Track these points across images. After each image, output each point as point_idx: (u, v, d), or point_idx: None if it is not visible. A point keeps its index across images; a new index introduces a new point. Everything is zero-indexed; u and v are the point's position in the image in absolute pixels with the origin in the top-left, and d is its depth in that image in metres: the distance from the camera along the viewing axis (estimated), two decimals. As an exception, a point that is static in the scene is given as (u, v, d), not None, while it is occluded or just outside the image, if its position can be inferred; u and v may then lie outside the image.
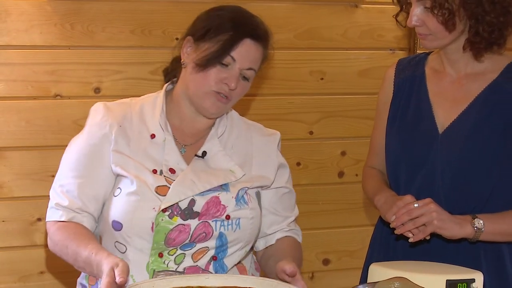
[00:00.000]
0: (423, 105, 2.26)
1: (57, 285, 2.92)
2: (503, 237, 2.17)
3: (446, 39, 2.14)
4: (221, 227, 2.11)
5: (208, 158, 2.17)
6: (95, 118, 2.18)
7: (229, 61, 2.10)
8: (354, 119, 3.24)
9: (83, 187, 2.10)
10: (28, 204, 2.87)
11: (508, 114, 2.15)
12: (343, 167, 3.27)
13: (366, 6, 3.19)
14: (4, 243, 2.85)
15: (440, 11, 2.07)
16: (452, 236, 2.09)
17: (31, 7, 2.77)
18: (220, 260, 2.13)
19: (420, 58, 2.36)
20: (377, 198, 2.26)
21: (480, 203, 2.16)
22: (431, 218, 2.05)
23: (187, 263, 2.10)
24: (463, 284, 1.89)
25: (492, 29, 2.10)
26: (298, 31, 3.12)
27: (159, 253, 2.08)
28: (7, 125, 2.80)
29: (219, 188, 2.13)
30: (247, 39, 2.11)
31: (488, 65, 2.20)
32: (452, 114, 2.21)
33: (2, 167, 2.82)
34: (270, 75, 3.02)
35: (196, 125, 2.21)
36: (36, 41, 2.80)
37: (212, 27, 2.13)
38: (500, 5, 2.09)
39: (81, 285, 2.22)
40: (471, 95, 2.20)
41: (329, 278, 3.30)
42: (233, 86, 2.09)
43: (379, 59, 3.23)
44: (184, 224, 2.07)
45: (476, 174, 2.16)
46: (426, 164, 2.21)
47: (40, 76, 2.82)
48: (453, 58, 2.22)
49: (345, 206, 3.29)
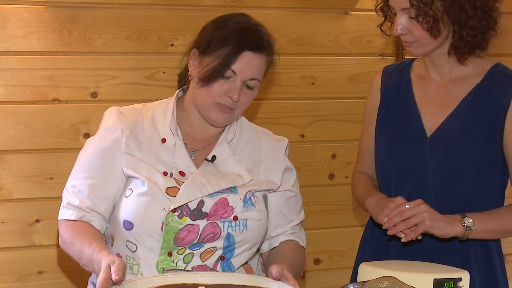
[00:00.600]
0: (411, 110, 2.26)
1: (56, 285, 2.92)
2: (492, 234, 2.18)
3: (431, 45, 2.14)
4: (228, 227, 2.12)
5: (218, 163, 2.18)
6: (108, 122, 2.18)
7: (230, 74, 2.09)
8: (345, 123, 3.24)
9: (94, 188, 2.10)
10: (27, 206, 2.87)
11: (493, 116, 2.16)
12: (334, 169, 3.27)
13: (356, 13, 3.20)
14: (3, 244, 2.84)
15: (425, 19, 2.07)
16: (443, 235, 2.09)
17: (30, 14, 2.77)
18: (227, 260, 2.14)
19: (405, 64, 2.36)
20: (368, 201, 2.26)
21: (470, 203, 2.17)
22: (422, 218, 2.06)
23: (195, 262, 2.10)
24: (450, 283, 1.90)
25: (475, 33, 2.10)
26: (289, 37, 3.13)
27: (169, 252, 2.08)
28: (6, 129, 2.80)
29: (228, 190, 2.14)
30: (246, 52, 2.10)
31: (471, 69, 2.21)
32: (439, 118, 2.22)
33: (1, 169, 2.81)
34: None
35: (206, 131, 2.22)
36: (34, 47, 2.80)
37: (214, 40, 2.13)
38: (481, 10, 2.09)
39: (92, 284, 2.22)
40: (457, 99, 2.21)
41: (320, 277, 3.30)
42: (235, 98, 2.09)
43: (368, 64, 3.24)
44: (193, 224, 2.08)
45: (465, 175, 2.17)
46: (416, 167, 2.21)
47: (38, 81, 2.81)
48: (437, 64, 2.23)
49: (335, 207, 3.29)
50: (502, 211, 2.19)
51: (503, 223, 2.16)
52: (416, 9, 2.06)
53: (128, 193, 2.10)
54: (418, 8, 2.06)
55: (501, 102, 2.15)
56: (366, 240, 2.41)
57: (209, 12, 2.97)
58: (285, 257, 2.16)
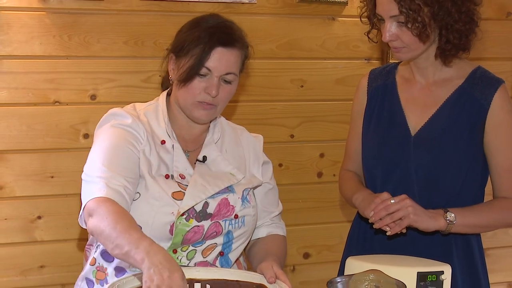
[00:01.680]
0: (396, 110, 2.27)
1: (56, 279, 2.91)
2: (472, 229, 2.18)
3: (419, 50, 2.15)
4: (229, 225, 2.13)
5: (209, 162, 2.18)
6: (126, 120, 2.11)
7: (206, 72, 2.08)
8: (332, 124, 3.25)
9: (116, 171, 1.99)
10: (29, 203, 2.86)
11: (474, 116, 2.17)
12: (322, 168, 3.27)
13: (343, 19, 3.20)
14: (6, 240, 2.84)
15: (414, 25, 2.07)
16: (426, 228, 2.10)
17: (31, 20, 2.77)
18: (226, 255, 2.15)
19: (390, 68, 2.37)
20: (355, 197, 2.27)
21: (451, 198, 2.18)
22: (407, 212, 2.06)
23: (198, 258, 2.10)
24: (433, 276, 1.90)
25: (461, 35, 2.11)
26: (279, 42, 3.13)
27: (174, 250, 2.08)
28: (9, 129, 2.79)
29: (226, 190, 2.14)
30: (218, 48, 2.08)
31: (454, 72, 2.22)
32: (423, 118, 2.22)
33: (4, 168, 2.81)
34: (254, 82, 3.03)
35: (193, 131, 2.21)
36: (36, 52, 2.79)
37: (187, 42, 2.12)
38: (465, 14, 2.10)
39: (85, 280, 2.17)
40: (440, 100, 2.21)
41: (309, 270, 3.30)
42: (214, 94, 2.08)
43: (355, 68, 3.24)
44: (198, 226, 2.07)
45: (447, 172, 2.18)
46: (401, 165, 2.22)
47: (40, 84, 2.81)
48: (422, 67, 2.23)
49: (323, 204, 3.29)
50: (482, 207, 2.20)
51: (483, 219, 2.17)
52: (405, 16, 2.06)
53: (136, 196, 2.05)
54: (407, 15, 2.06)
55: (482, 103, 2.16)
56: (353, 235, 2.41)
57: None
58: (271, 251, 2.15)
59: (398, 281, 1.70)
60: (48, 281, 2.89)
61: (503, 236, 3.57)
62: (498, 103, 2.15)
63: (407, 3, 2.05)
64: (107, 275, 2.11)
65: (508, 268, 3.71)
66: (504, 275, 3.70)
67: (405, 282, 1.71)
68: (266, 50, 3.09)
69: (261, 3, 3.06)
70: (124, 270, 2.09)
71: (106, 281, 2.11)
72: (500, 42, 3.45)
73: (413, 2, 2.05)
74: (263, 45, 3.08)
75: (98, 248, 2.15)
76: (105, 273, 2.11)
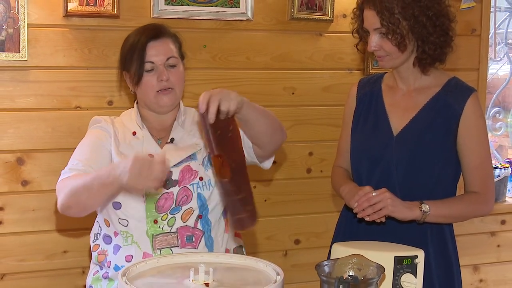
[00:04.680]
0: (380, 114, 2.27)
1: (77, 263, 2.91)
2: (445, 219, 2.18)
3: (399, 58, 2.16)
4: (197, 188, 2.14)
5: (177, 142, 2.21)
6: (99, 124, 2.24)
7: (151, 66, 2.16)
8: (319, 126, 3.24)
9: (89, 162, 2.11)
10: (53, 196, 2.81)
11: (448, 120, 2.17)
12: (310, 165, 3.27)
13: (329, 34, 3.20)
14: (34, 228, 2.84)
15: (393, 36, 2.10)
16: (403, 218, 2.10)
17: (56, 35, 2.77)
18: (205, 217, 2.15)
19: (377, 77, 2.37)
20: (342, 189, 2.27)
21: (428, 192, 2.18)
22: (386, 204, 2.06)
23: (178, 224, 2.12)
24: (408, 259, 1.90)
25: (436, 47, 2.12)
26: (273, 55, 3.13)
27: (154, 220, 2.10)
28: (36, 131, 2.79)
29: (188, 158, 2.17)
30: (150, 43, 2.15)
31: (432, 81, 2.22)
32: (404, 120, 2.22)
33: (32, 166, 2.80)
34: (251, 90, 3.03)
35: (164, 122, 2.25)
36: (60, 63, 2.79)
37: (125, 53, 2.20)
38: (440, 28, 2.12)
39: (94, 264, 2.23)
40: (419, 105, 2.22)
41: (299, 255, 3.30)
42: (165, 77, 2.15)
43: (339, 77, 3.24)
44: (168, 192, 2.10)
45: (424, 169, 2.18)
46: (383, 161, 2.21)
47: (63, 91, 2.81)
48: (404, 75, 2.24)
49: (312, 196, 3.29)
50: (454, 199, 2.20)
51: (455, 210, 2.17)
52: (386, 28, 2.10)
53: None
54: (388, 27, 2.10)
55: (456, 108, 2.16)
56: (341, 223, 2.41)
57: (207, 33, 2.99)
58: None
59: (377, 264, 1.70)
60: (71, 264, 2.89)
61: (470, 225, 3.58)
62: (470, 109, 2.16)
63: (388, 17, 2.09)
64: (107, 255, 2.16)
65: (473, 252, 3.72)
66: (470, 258, 3.71)
67: (383, 265, 1.71)
68: (261, 61, 3.09)
69: (257, 21, 3.06)
70: (119, 247, 2.14)
71: (106, 260, 2.16)
72: (466, 55, 3.47)
73: (393, 16, 2.08)
74: (259, 58, 3.09)
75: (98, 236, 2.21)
76: (105, 254, 2.17)
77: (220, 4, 2.96)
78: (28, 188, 2.81)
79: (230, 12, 2.98)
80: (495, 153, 3.95)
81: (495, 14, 3.68)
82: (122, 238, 2.13)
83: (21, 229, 2.82)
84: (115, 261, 2.13)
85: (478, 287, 3.78)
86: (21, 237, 2.83)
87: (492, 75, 3.85)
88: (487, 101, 3.75)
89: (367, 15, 2.15)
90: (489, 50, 3.58)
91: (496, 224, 3.76)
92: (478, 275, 3.76)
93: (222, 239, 2.19)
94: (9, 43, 2.67)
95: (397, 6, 2.09)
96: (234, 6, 2.98)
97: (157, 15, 2.85)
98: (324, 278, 1.67)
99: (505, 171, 3.70)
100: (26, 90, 2.76)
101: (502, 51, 3.90)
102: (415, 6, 2.09)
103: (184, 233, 2.11)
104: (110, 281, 2.14)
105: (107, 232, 2.18)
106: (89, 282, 2.21)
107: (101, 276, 2.17)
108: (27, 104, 2.77)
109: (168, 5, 2.88)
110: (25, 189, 2.81)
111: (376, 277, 1.66)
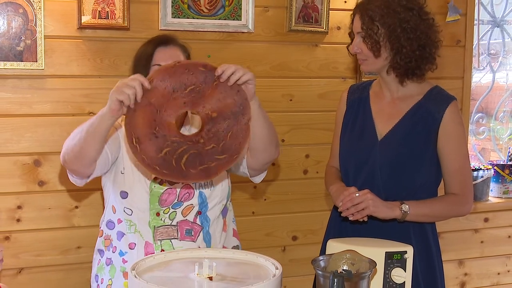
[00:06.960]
0: (367, 119, 2.26)
1: (90, 258, 2.89)
2: (425, 218, 2.17)
3: (375, 64, 2.16)
4: (199, 186, 2.13)
5: None
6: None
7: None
8: (316, 130, 3.24)
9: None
10: (68, 195, 2.86)
11: (429, 126, 2.16)
12: (307, 166, 3.27)
13: (324, 45, 3.20)
14: (50, 225, 2.83)
15: (369, 41, 2.11)
16: (384, 217, 2.09)
17: (70, 46, 2.77)
18: (204, 213, 2.15)
19: (366, 84, 2.37)
20: (330, 188, 2.27)
21: (410, 193, 2.17)
22: (367, 204, 2.05)
23: (179, 218, 2.12)
24: (398, 255, 1.90)
25: (409, 59, 2.11)
26: (273, 64, 3.12)
27: (157, 213, 2.10)
28: (52, 135, 2.79)
29: None
30: (159, 48, 2.13)
31: (415, 90, 2.21)
32: (388, 125, 2.21)
33: (48, 167, 2.80)
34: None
35: None
36: (74, 72, 2.78)
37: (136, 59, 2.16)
38: (415, 42, 2.10)
39: (98, 251, 2.22)
40: (402, 112, 2.21)
41: (297, 250, 3.29)
42: None
43: (334, 85, 3.24)
44: (171, 188, 2.10)
45: (406, 171, 2.17)
46: (369, 163, 2.21)
47: (77, 98, 2.80)
48: (387, 82, 2.23)
49: (308, 196, 3.28)
50: (434, 200, 2.19)
51: (434, 210, 2.16)
52: (365, 32, 2.11)
53: (123, 170, 2.10)
54: (366, 32, 2.11)
55: (436, 116, 2.15)
56: (331, 221, 2.40)
57: (211, 44, 2.99)
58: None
59: (369, 259, 1.69)
60: (84, 259, 2.87)
61: (455, 223, 3.57)
62: (449, 116, 2.15)
63: (367, 22, 2.11)
64: (112, 241, 2.15)
65: (458, 248, 3.71)
66: (456, 254, 3.70)
67: (375, 260, 1.70)
68: (262, 70, 3.09)
69: (258, 32, 3.06)
70: (123, 234, 2.14)
71: (111, 245, 2.16)
72: (452, 64, 3.47)
73: (372, 22, 2.10)
74: (260, 67, 3.08)
75: (103, 222, 2.20)
76: (110, 239, 2.16)
77: (223, 17, 2.96)
78: (45, 188, 2.81)
79: (233, 24, 2.98)
80: (478, 155, 3.95)
81: (478, 26, 3.69)
82: (126, 225, 2.13)
83: (38, 226, 2.82)
84: (120, 247, 2.14)
85: (463, 280, 3.77)
86: (37, 234, 2.83)
87: (476, 83, 3.85)
88: (471, 107, 3.74)
89: (355, 19, 2.18)
90: (473, 60, 3.58)
91: (479, 222, 3.75)
92: (463, 269, 3.76)
93: (220, 236, 2.19)
94: (27, 53, 2.67)
95: (378, 14, 2.09)
96: (236, 19, 2.98)
97: (165, 27, 2.85)
98: (320, 272, 1.67)
99: (488, 172, 3.69)
100: (42, 97, 2.76)
101: (485, 61, 3.90)
102: (394, 17, 2.09)
103: (184, 227, 2.11)
104: (112, 268, 2.14)
105: (111, 218, 2.17)
106: (95, 272, 2.21)
107: (104, 263, 2.17)
108: (43, 110, 2.77)
109: (175, 18, 2.88)
110: (42, 189, 2.81)
111: (368, 271, 1.65)
